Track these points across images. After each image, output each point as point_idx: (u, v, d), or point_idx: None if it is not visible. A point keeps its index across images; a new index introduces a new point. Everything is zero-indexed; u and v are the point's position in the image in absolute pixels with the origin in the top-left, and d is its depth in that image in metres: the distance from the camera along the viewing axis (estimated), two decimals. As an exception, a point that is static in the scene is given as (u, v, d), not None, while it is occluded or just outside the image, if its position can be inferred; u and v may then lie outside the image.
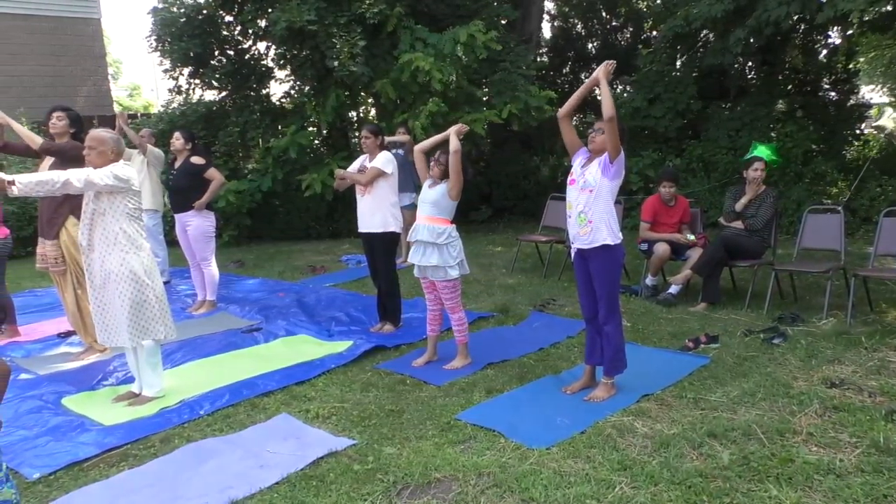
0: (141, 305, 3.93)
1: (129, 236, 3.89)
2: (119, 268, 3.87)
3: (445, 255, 4.35)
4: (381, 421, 3.72)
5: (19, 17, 12.92)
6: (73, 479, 3.21)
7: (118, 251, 3.86)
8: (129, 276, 3.88)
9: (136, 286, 3.91)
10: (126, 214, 3.88)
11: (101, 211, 3.85)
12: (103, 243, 3.87)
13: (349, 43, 8.51)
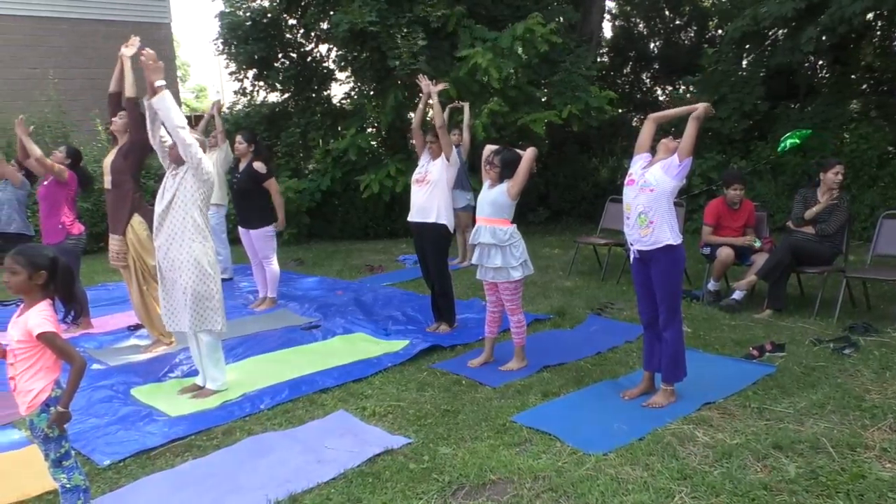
0: (202, 295, 4.05)
1: (198, 226, 4.04)
2: (186, 255, 4.01)
3: (508, 256, 4.34)
4: (436, 421, 3.74)
5: (95, 22, 13.47)
6: (140, 467, 3.33)
7: (187, 239, 4.01)
8: (195, 265, 4.02)
9: (200, 275, 4.03)
10: (198, 205, 4.04)
11: (178, 198, 4.01)
12: (174, 230, 4.02)
13: (410, 42, 8.57)
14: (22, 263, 2.53)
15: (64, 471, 2.63)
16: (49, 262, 2.57)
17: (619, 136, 12.08)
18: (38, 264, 2.54)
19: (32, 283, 2.55)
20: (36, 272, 2.54)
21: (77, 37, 13.27)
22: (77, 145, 10.31)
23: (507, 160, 4.40)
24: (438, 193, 5.16)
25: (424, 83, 5.35)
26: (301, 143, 10.53)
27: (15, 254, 2.55)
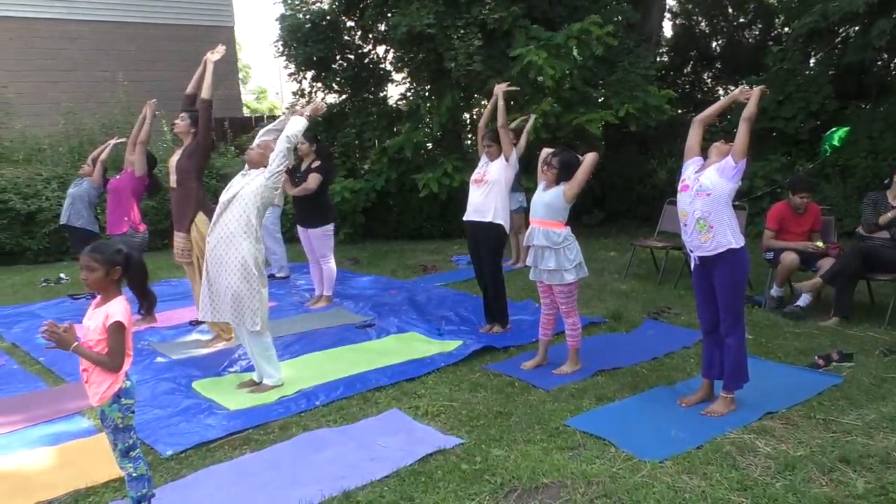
0: (243, 295, 4.13)
1: (251, 227, 4.14)
2: (234, 254, 4.11)
3: (562, 259, 4.30)
4: (489, 422, 3.73)
5: (162, 26, 13.94)
6: (201, 459, 3.42)
7: (238, 237, 4.11)
8: (241, 264, 4.11)
9: (245, 275, 4.12)
10: (257, 208, 4.15)
11: (240, 197, 4.14)
12: (229, 227, 4.13)
13: (466, 44, 8.58)
14: (99, 261, 2.63)
15: (131, 460, 2.73)
16: (124, 258, 2.67)
17: (678, 137, 11.80)
18: (113, 261, 2.65)
19: (109, 279, 2.65)
20: (112, 269, 2.65)
21: (144, 41, 13.75)
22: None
23: (566, 162, 4.36)
24: (496, 193, 5.15)
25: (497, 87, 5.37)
26: (357, 144, 10.66)
27: (91, 251, 2.66)
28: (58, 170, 9.49)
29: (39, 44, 12.56)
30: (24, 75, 12.17)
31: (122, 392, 2.68)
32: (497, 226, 5.16)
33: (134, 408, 2.75)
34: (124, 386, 2.69)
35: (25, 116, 10.89)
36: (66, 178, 9.34)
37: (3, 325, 6.00)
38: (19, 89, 11.49)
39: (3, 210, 8.78)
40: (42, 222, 8.95)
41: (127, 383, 2.71)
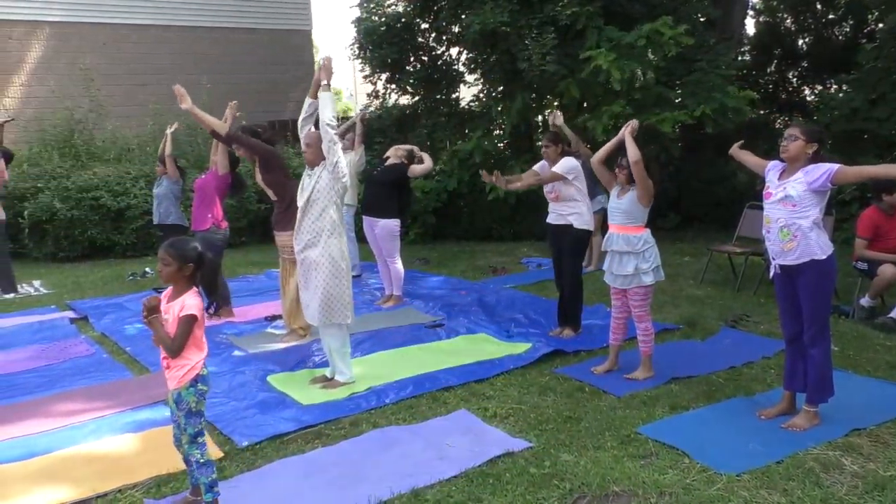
0: (334, 291, 4.23)
1: (334, 223, 4.24)
2: (322, 252, 4.21)
3: (641, 261, 4.23)
4: (558, 426, 3.69)
5: (242, 30, 14.40)
6: (275, 451, 3.52)
7: (324, 236, 4.21)
8: (330, 262, 4.21)
9: (334, 272, 4.22)
10: (334, 202, 4.24)
11: (315, 197, 4.23)
12: (313, 228, 4.23)
13: (540, 44, 8.51)
14: (173, 256, 2.76)
15: (198, 447, 2.84)
16: (196, 255, 2.79)
17: (759, 139, 11.38)
18: (187, 257, 2.77)
19: (181, 274, 2.78)
20: (185, 264, 2.77)
21: (226, 45, 14.24)
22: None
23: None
24: (576, 201, 5.16)
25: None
26: (428, 145, 10.73)
27: (167, 246, 2.79)
28: (145, 169, 9.93)
29: (129, 49, 13.18)
30: (116, 79, 12.80)
31: (199, 378, 2.82)
32: (581, 231, 5.15)
33: (206, 396, 2.88)
34: (202, 373, 2.83)
35: (116, 118, 11.46)
36: (153, 176, 9.77)
37: (94, 316, 6.32)
38: (111, 92, 12.08)
39: (94, 207, 9.26)
40: (130, 219, 9.39)
41: (204, 371, 2.85)
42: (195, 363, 2.81)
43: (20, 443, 3.71)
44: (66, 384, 4.62)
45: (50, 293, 7.49)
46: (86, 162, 10.22)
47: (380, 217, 6.41)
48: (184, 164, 10.46)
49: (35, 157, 10.15)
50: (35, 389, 4.54)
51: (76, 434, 3.79)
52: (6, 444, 3.69)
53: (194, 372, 2.81)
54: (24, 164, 9.87)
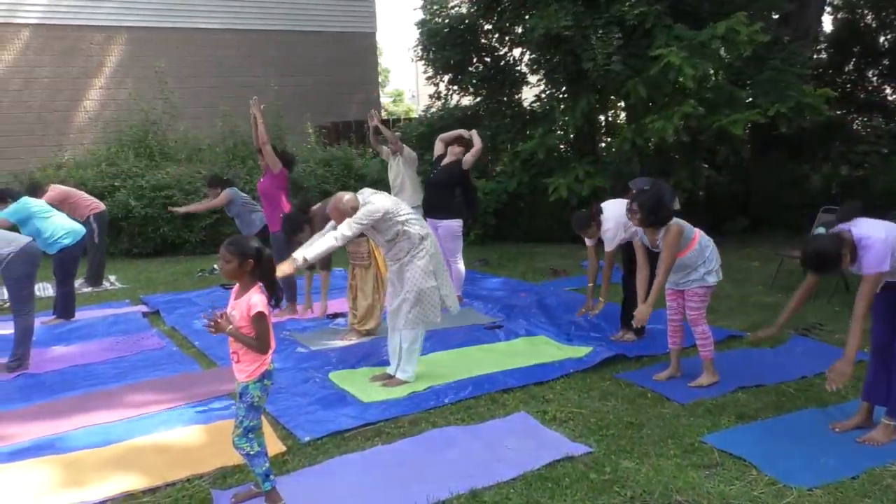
0: (423, 296, 4.30)
1: (408, 235, 4.29)
2: (406, 266, 4.30)
3: (703, 264, 4.15)
4: (619, 432, 3.63)
5: (309, 33, 14.70)
6: (335, 446, 3.58)
7: (405, 252, 4.30)
8: (416, 272, 4.28)
9: (424, 273, 4.29)
10: (395, 222, 4.27)
11: (377, 228, 4.31)
12: (391, 245, 4.34)
13: (605, 43, 8.39)
14: (233, 253, 2.85)
15: (248, 440, 2.91)
16: (255, 252, 2.86)
17: (835, 140, 10.93)
18: (246, 254, 2.84)
19: (242, 270, 2.85)
20: (245, 261, 2.84)
21: (292, 47, 14.57)
22: (290, 147, 11.34)
23: (649, 206, 4.07)
24: None
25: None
26: (490, 146, 10.72)
27: (227, 244, 2.88)
28: (215, 168, 10.25)
29: (201, 52, 13.63)
30: (188, 81, 13.25)
31: (266, 373, 2.89)
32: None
33: (270, 391, 2.95)
34: (269, 368, 2.91)
35: (188, 119, 11.87)
36: (223, 176, 10.06)
37: (165, 311, 6.56)
38: (184, 94, 12.52)
39: (166, 205, 9.60)
40: (200, 217, 9.70)
41: (271, 366, 2.93)
42: (265, 359, 2.89)
43: (97, 430, 3.88)
44: (138, 376, 4.81)
45: (124, 288, 7.81)
46: (159, 162, 10.61)
47: (442, 218, 6.43)
48: (251, 164, 10.78)
49: (112, 156, 10.60)
50: (110, 380, 4.75)
51: (147, 424, 3.94)
52: (85, 432, 3.87)
53: (263, 367, 2.89)
54: (102, 163, 10.32)
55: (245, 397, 2.90)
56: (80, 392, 4.52)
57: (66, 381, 4.74)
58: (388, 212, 4.22)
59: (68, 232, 6.08)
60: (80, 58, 12.71)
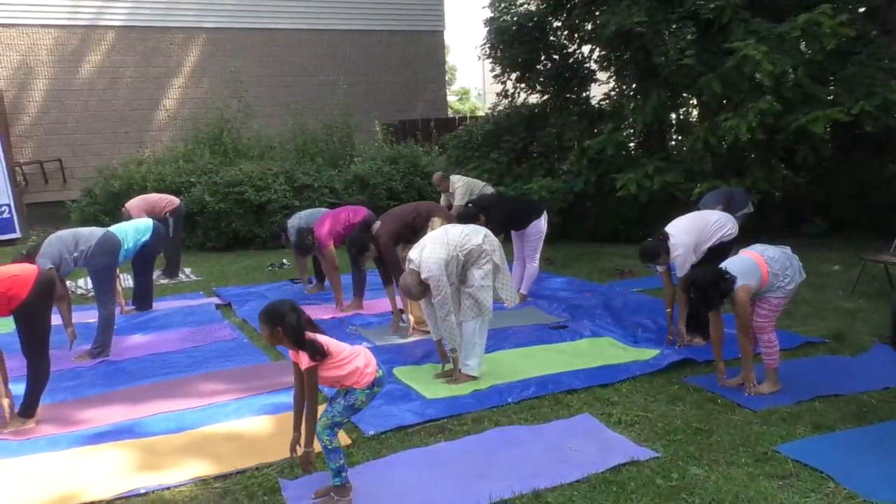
0: (478, 292, 4.36)
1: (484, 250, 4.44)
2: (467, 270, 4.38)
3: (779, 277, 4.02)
4: (687, 438, 3.54)
5: (378, 32, 14.90)
6: (399, 441, 3.61)
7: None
8: (475, 275, 4.37)
9: (480, 281, 4.37)
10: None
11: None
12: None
13: (678, 38, 8.18)
14: (263, 322, 2.95)
15: (330, 433, 2.98)
16: (279, 318, 2.90)
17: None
18: (273, 322, 2.91)
19: (276, 337, 2.93)
20: (274, 329, 2.92)
21: (363, 46, 14.79)
22: (358, 144, 11.53)
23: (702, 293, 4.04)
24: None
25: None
26: (557, 144, 10.62)
27: (260, 314, 3.00)
28: (285, 165, 10.51)
29: (276, 51, 14.00)
30: (262, 80, 13.64)
31: (376, 380, 3.02)
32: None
33: (375, 395, 3.09)
34: (378, 374, 3.02)
35: (261, 117, 12.21)
36: (293, 173, 10.33)
37: (236, 303, 6.77)
38: (257, 93, 12.90)
39: (239, 200, 9.90)
40: (270, 212, 9.95)
41: (380, 372, 3.04)
42: (363, 370, 2.97)
43: (172, 417, 4.04)
44: (211, 366, 4.97)
45: (199, 280, 8.09)
46: (233, 158, 10.96)
47: (523, 228, 6.50)
48: (319, 161, 11.01)
49: (189, 153, 11.00)
50: (184, 369, 4.93)
51: (219, 413, 4.08)
52: (160, 418, 4.03)
53: (371, 376, 2.99)
54: (179, 160, 10.73)
55: (349, 396, 2.99)
56: (156, 380, 4.71)
57: (143, 369, 4.95)
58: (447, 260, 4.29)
59: (143, 230, 6.33)
60: (160, 58, 13.25)
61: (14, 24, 12.27)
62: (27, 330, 3.96)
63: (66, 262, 5.18)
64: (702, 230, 4.91)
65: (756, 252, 4.11)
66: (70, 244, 5.23)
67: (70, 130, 12.75)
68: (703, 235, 4.89)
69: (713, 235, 4.92)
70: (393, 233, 5.59)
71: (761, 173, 8.36)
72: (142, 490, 3.21)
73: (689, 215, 5.19)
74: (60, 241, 5.23)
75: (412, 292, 4.32)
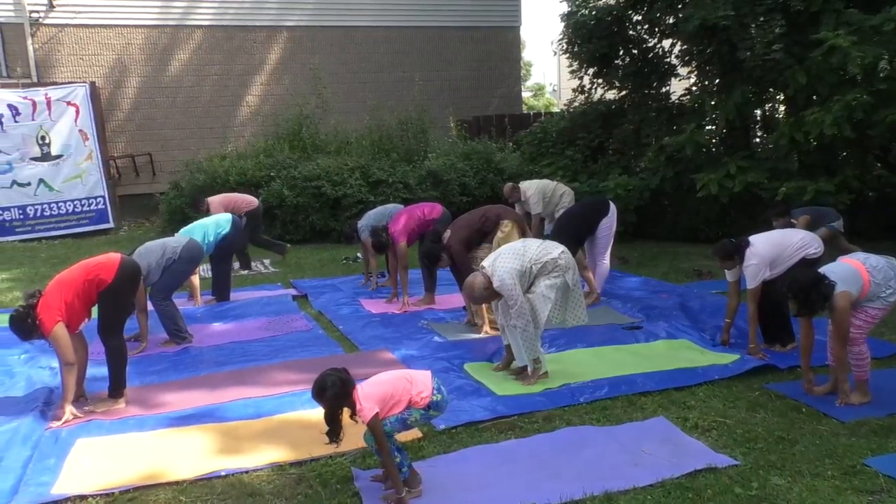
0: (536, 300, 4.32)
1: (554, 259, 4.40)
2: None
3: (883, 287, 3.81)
4: (768, 446, 3.41)
5: (455, 29, 14.92)
6: (469, 436, 3.63)
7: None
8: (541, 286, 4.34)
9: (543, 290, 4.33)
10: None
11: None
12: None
13: (765, 31, 7.85)
14: (318, 397, 3.01)
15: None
16: (317, 393, 2.99)
17: None
18: (320, 397, 2.99)
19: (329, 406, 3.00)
20: (321, 401, 3.00)
21: (439, 43, 14.85)
22: (432, 140, 11.59)
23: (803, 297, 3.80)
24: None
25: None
26: (634, 141, 10.39)
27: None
28: (361, 161, 10.68)
29: (354, 49, 14.24)
30: (341, 76, 13.90)
31: (432, 404, 3.04)
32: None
33: (432, 419, 3.20)
34: (435, 398, 3.05)
35: (339, 113, 12.46)
36: (368, 168, 10.49)
37: (312, 295, 6.94)
38: (336, 90, 13.15)
39: (316, 195, 10.13)
40: (346, 206, 10.15)
41: (437, 396, 3.06)
42: (415, 398, 3.03)
43: (250, 403, 4.18)
44: (287, 355, 5.11)
45: (276, 272, 8.34)
46: (311, 154, 11.22)
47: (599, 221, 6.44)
48: (394, 157, 11.14)
49: (270, 148, 11.33)
50: (263, 357, 5.09)
51: (295, 401, 4.18)
52: (240, 404, 4.18)
53: (427, 399, 3.04)
54: (260, 154, 11.06)
55: (405, 412, 3.04)
56: (236, 367, 4.88)
57: (224, 356, 5.14)
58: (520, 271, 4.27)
59: (223, 224, 6.60)
60: (244, 56, 13.68)
61: (110, 24, 12.92)
62: (107, 312, 4.21)
63: (154, 272, 5.41)
64: (784, 248, 4.71)
65: (857, 260, 3.91)
66: (158, 254, 5.45)
67: (159, 126, 13.33)
68: (784, 253, 4.69)
69: (795, 255, 4.69)
70: (464, 240, 5.61)
71: (853, 172, 7.93)
72: (222, 472, 3.34)
73: (775, 231, 5.07)
74: (149, 251, 5.46)
75: (475, 294, 4.28)
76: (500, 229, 5.67)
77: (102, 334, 4.22)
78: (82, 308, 4.11)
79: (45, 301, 3.94)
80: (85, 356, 4.28)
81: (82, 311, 4.12)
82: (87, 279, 4.08)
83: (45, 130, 11.19)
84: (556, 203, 7.91)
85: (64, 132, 11.32)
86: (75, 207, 11.48)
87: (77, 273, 4.12)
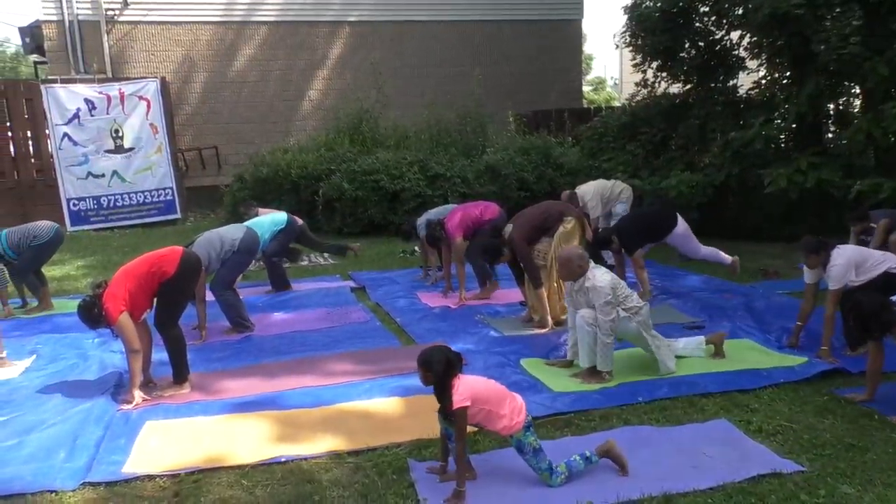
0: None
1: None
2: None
3: None
4: (836, 453, 3.29)
5: (514, 22, 14.85)
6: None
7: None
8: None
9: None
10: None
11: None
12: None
13: (842, 24, 7.52)
14: (421, 364, 3.06)
15: (554, 474, 3.07)
16: (424, 363, 3.04)
17: None
18: (429, 366, 3.02)
19: (429, 379, 3.05)
20: (427, 373, 3.04)
21: (498, 37, 14.79)
22: (490, 134, 11.54)
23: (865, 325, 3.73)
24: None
25: None
26: (698, 136, 10.11)
27: (418, 357, 3.11)
28: (419, 155, 10.73)
29: (412, 43, 14.33)
30: (400, 71, 14.01)
31: (529, 422, 3.08)
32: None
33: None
34: (527, 419, 3.09)
35: (398, 107, 12.55)
36: (426, 162, 10.53)
37: (370, 287, 7.02)
38: (395, 84, 13.25)
39: (374, 188, 10.23)
40: (404, 200, 10.22)
41: (529, 418, 3.10)
42: (521, 414, 3.06)
43: (309, 392, 4.26)
44: (345, 346, 5.19)
45: (335, 264, 8.47)
46: (370, 147, 11.33)
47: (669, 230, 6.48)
48: (453, 151, 11.14)
49: (331, 142, 11.51)
50: (321, 347, 5.18)
51: (352, 391, 4.25)
52: (299, 392, 4.27)
53: (520, 424, 3.05)
54: (321, 148, 11.24)
55: (525, 448, 3.07)
56: (295, 356, 4.99)
57: (284, 345, 5.26)
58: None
59: (279, 222, 6.87)
60: (307, 51, 13.93)
61: (180, 21, 13.34)
62: (167, 302, 4.35)
63: (213, 262, 5.54)
64: (868, 256, 4.65)
65: None
66: (217, 244, 5.58)
67: (225, 119, 13.71)
68: (868, 260, 4.59)
69: (879, 265, 4.55)
70: (526, 235, 5.58)
71: (934, 170, 7.56)
72: (282, 458, 3.42)
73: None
74: (209, 242, 5.58)
75: (572, 265, 4.31)
76: (563, 226, 5.63)
77: (159, 324, 4.36)
78: (145, 298, 4.26)
79: (111, 291, 4.10)
80: (149, 343, 4.44)
81: (145, 301, 4.27)
82: (150, 271, 4.24)
83: (118, 124, 11.65)
84: (614, 199, 7.88)
85: (136, 126, 11.77)
86: (145, 198, 11.92)
87: (141, 264, 4.28)
